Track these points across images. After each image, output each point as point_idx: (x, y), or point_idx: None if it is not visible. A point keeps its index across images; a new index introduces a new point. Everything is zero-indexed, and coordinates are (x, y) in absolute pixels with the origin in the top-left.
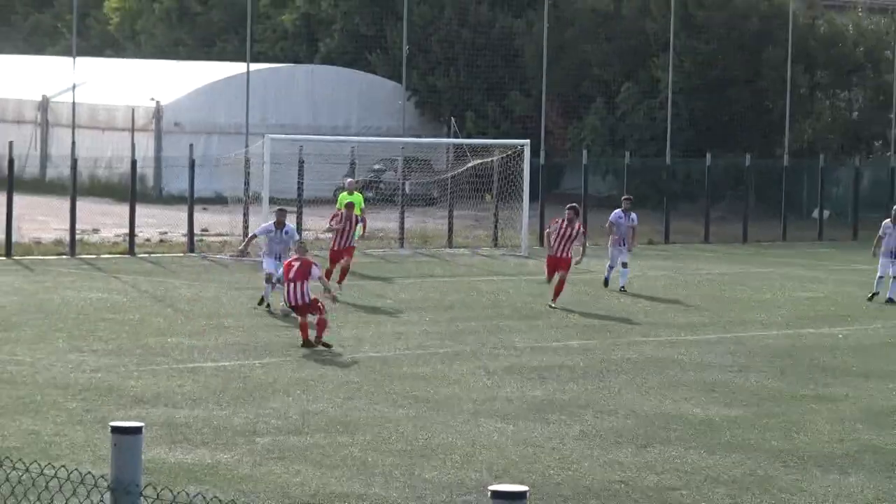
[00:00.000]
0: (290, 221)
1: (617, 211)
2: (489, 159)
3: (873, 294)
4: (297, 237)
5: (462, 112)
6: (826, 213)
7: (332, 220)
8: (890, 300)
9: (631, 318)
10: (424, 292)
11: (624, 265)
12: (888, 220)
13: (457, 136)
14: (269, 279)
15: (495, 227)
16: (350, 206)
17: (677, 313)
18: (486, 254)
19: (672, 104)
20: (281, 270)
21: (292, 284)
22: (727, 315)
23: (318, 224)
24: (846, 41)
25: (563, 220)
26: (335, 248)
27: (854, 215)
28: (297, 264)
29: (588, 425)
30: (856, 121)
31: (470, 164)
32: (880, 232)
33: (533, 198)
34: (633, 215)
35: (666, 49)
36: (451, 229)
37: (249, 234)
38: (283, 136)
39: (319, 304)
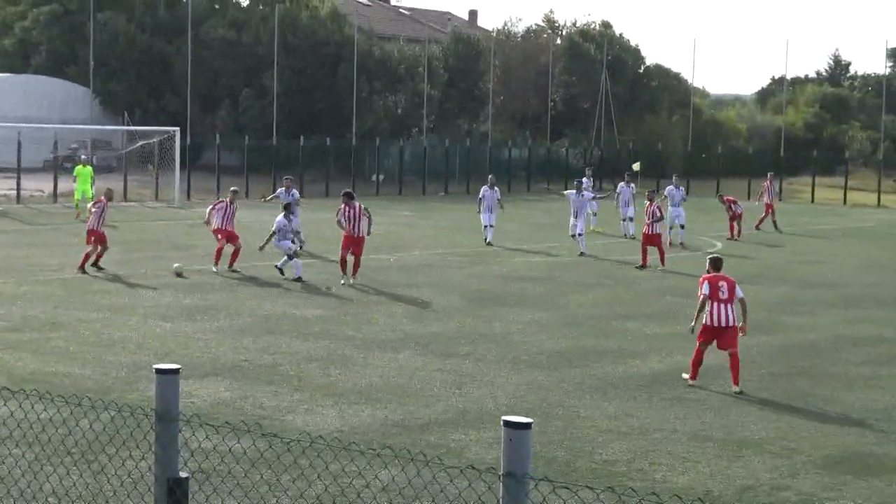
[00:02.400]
0: (20, 185)
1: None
2: (151, 140)
3: (488, 242)
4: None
5: (133, 108)
6: (381, 177)
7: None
8: (489, 244)
9: (253, 249)
10: (108, 233)
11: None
12: (486, 185)
13: (129, 125)
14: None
15: (156, 187)
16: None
17: None
18: (151, 206)
19: (277, 103)
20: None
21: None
22: (315, 247)
23: (30, 184)
24: (393, 61)
25: (345, 206)
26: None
27: (399, 179)
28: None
29: (223, 322)
30: (400, 115)
31: (138, 144)
32: (480, 195)
33: (182, 167)
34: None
35: (272, 65)
36: (125, 188)
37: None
38: (6, 124)
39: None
